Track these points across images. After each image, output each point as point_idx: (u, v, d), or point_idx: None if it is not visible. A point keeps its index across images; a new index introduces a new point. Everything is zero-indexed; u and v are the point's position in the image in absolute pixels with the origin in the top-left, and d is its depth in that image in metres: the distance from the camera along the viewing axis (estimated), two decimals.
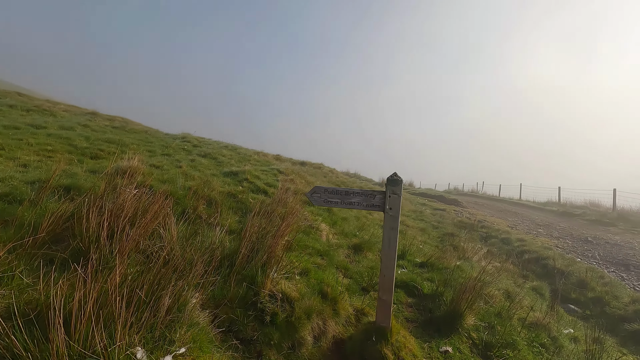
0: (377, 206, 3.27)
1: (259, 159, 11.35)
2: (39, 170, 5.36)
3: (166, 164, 7.57)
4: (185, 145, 10.40)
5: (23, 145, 6.52)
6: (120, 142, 8.71)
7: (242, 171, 8.17)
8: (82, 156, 7.07)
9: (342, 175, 19.60)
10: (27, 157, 6.05)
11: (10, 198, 4.03)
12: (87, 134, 8.57)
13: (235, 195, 6.38)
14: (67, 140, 7.58)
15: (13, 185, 4.33)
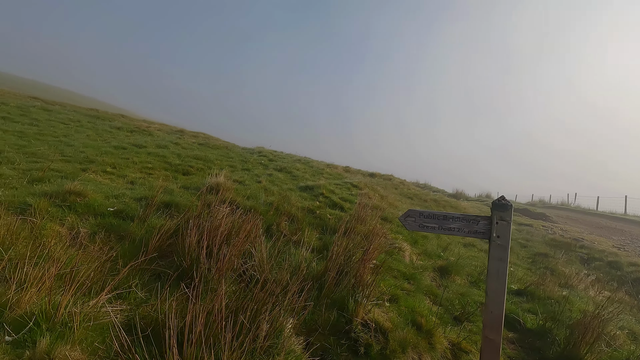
0: (480, 233, 2.95)
1: (331, 172, 11.41)
2: (143, 187, 5.97)
3: (247, 179, 7.94)
4: (262, 160, 10.90)
5: (129, 164, 7.37)
6: (205, 158, 9.43)
7: (317, 186, 8.23)
8: (175, 172, 7.76)
9: (412, 186, 18.84)
10: (134, 174, 6.81)
11: (124, 215, 4.51)
12: (179, 152, 9.44)
13: (313, 211, 6.41)
14: (162, 158, 8.42)
15: (125, 202, 4.85)
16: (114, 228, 4.14)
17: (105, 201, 4.71)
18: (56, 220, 3.99)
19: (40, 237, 3.63)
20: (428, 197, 15.15)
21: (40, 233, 3.65)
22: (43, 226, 3.75)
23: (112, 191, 5.21)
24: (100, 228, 4.10)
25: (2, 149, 6.52)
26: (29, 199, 4.20)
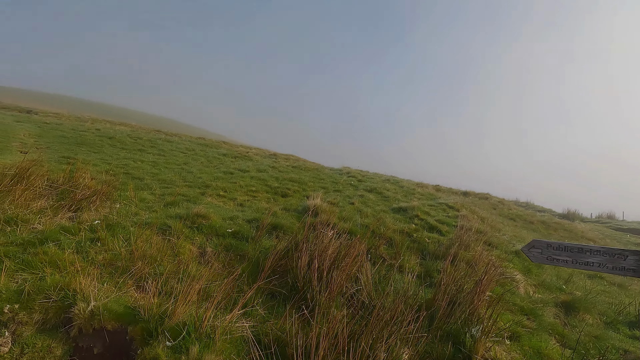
0: (630, 270, 2.54)
1: (422, 191, 11.03)
2: (251, 209, 6.57)
3: (340, 200, 8.15)
4: (352, 181, 11.11)
5: (237, 187, 8.21)
6: (300, 180, 10.00)
7: (411, 207, 8.03)
8: (275, 195, 8.37)
9: (513, 205, 17.01)
10: (241, 197, 7.56)
11: (240, 235, 5.02)
12: (276, 175, 10.21)
13: (410, 234, 6.26)
14: (263, 182, 9.19)
15: (239, 224, 5.41)
16: (233, 248, 4.64)
17: (223, 222, 5.32)
18: (188, 240, 4.64)
19: (179, 254, 4.26)
20: (534, 219, 13.50)
21: (178, 251, 4.28)
22: (180, 245, 4.40)
23: (227, 213, 5.86)
24: (222, 247, 4.63)
25: (142, 177, 7.88)
26: (167, 220, 4.98)
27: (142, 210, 5.45)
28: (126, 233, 4.29)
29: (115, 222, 4.50)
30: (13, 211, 4.34)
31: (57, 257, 3.48)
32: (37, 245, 3.69)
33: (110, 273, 3.49)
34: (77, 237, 4.03)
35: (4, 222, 4.11)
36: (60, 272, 3.29)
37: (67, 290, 3.01)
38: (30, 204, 4.61)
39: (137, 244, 4.00)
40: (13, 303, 2.87)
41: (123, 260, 3.69)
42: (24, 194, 4.65)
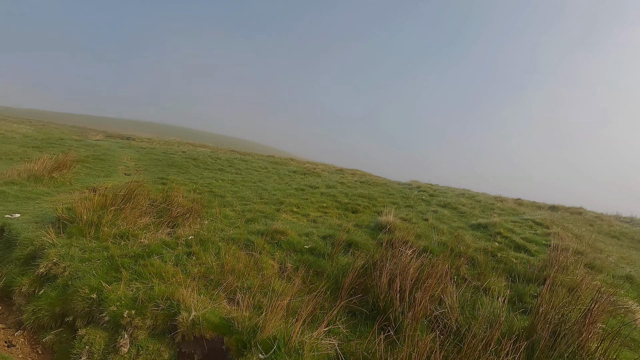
0: None
1: (503, 206, 10.18)
2: (324, 225, 6.70)
3: (413, 216, 7.90)
4: (423, 196, 10.72)
5: (308, 204, 8.45)
6: (369, 196, 9.94)
7: (492, 224, 7.46)
8: (345, 211, 8.43)
9: (614, 221, 14.78)
10: (313, 213, 7.76)
11: (316, 252, 5.14)
12: (345, 191, 10.30)
13: (494, 254, 5.80)
14: (333, 198, 9.33)
15: (314, 240, 5.54)
16: (311, 264, 4.75)
17: (299, 239, 5.49)
18: (269, 255, 4.88)
19: (262, 269, 4.49)
20: None
21: (261, 266, 4.52)
22: (262, 260, 4.65)
23: (302, 229, 6.04)
24: (301, 263, 4.77)
25: (224, 194, 8.54)
26: (249, 236, 5.30)
27: (227, 226, 5.89)
28: (216, 248, 4.67)
29: (206, 238, 4.92)
30: (125, 227, 5.01)
31: (162, 269, 3.91)
32: (145, 257, 4.19)
33: (205, 285, 3.81)
34: (176, 251, 4.50)
35: (119, 237, 4.76)
36: (165, 283, 3.68)
37: (172, 299, 3.35)
38: (137, 221, 5.27)
39: (226, 258, 4.33)
40: (130, 309, 3.29)
41: (215, 274, 4.01)
42: (132, 212, 5.35)
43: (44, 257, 4.16)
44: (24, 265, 4.30)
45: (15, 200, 6.56)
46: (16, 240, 4.80)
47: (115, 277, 3.77)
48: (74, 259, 4.08)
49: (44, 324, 3.56)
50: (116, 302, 3.36)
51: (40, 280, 3.98)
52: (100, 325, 3.28)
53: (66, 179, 8.17)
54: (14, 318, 3.73)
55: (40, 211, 6.02)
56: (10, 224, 5.26)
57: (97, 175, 9.67)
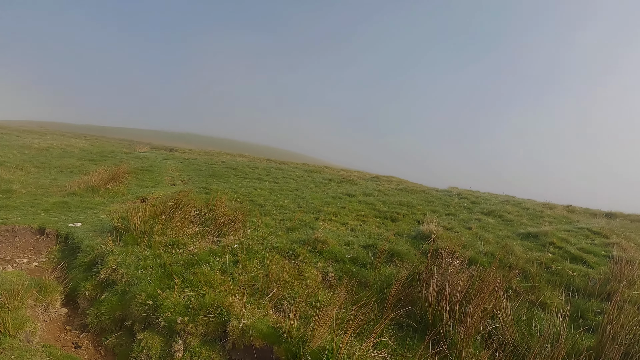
0: None
1: (553, 214, 9.56)
2: (364, 234, 6.63)
3: (455, 225, 7.63)
4: (464, 203, 10.33)
5: (346, 212, 8.43)
6: (408, 203, 9.74)
7: (543, 233, 7.02)
8: (384, 219, 8.31)
9: None
10: (352, 221, 7.72)
11: (358, 261, 5.10)
12: (383, 199, 10.17)
13: (547, 266, 5.45)
14: (371, 206, 9.24)
15: (355, 250, 5.50)
16: (353, 274, 4.71)
17: (340, 248, 5.48)
18: (312, 264, 4.90)
19: (305, 278, 4.52)
20: None
21: (304, 275, 4.55)
22: (305, 269, 4.68)
23: (343, 239, 6.02)
24: (343, 273, 4.75)
25: (263, 203, 8.73)
26: (291, 245, 5.37)
27: (268, 235, 6.01)
28: (260, 257, 4.77)
29: (250, 247, 5.04)
30: (174, 236, 5.25)
31: (211, 277, 4.05)
32: (195, 265, 4.37)
33: (252, 294, 3.90)
34: (222, 260, 4.64)
35: (169, 245, 5.00)
36: (214, 291, 3.80)
37: (221, 307, 3.45)
38: (185, 230, 5.52)
39: (271, 267, 4.40)
40: (183, 316, 3.42)
41: (261, 283, 4.09)
42: (180, 221, 5.60)
43: (104, 264, 4.46)
44: (86, 271, 4.63)
45: (77, 210, 7.11)
46: (79, 247, 5.18)
47: (168, 284, 3.96)
48: (131, 266, 4.34)
49: (106, 327, 3.79)
50: (170, 309, 3.51)
51: (101, 285, 4.26)
52: (156, 331, 3.44)
53: (119, 190, 8.75)
54: (79, 321, 4.01)
55: (98, 220, 6.47)
56: (74, 232, 5.70)
57: (146, 186, 10.26)
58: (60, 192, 8.07)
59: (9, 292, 3.36)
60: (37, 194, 7.82)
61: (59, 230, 5.79)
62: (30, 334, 3.16)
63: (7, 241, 5.37)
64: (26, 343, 3.03)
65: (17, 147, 14.49)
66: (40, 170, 10.77)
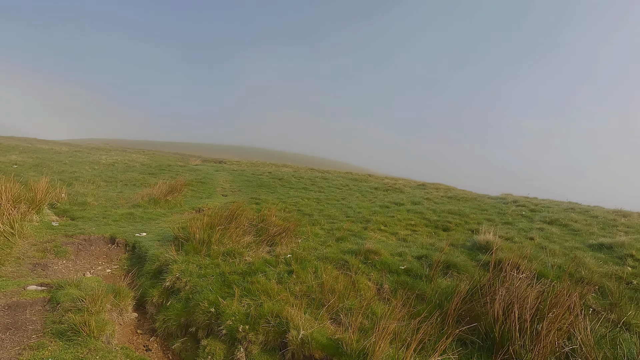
0: None
1: (629, 222, 8.59)
2: (415, 244, 6.44)
3: (514, 235, 7.16)
4: (522, 211, 9.66)
5: (395, 221, 8.25)
6: (459, 212, 9.32)
7: (619, 244, 6.35)
8: (435, 229, 8.01)
9: None
10: (402, 231, 7.54)
11: (412, 273, 4.95)
12: (433, 207, 9.84)
13: (628, 281, 4.92)
14: (420, 215, 8.97)
15: (408, 260, 5.35)
16: (408, 285, 4.58)
17: (393, 259, 5.36)
18: (365, 275, 4.84)
19: (358, 289, 4.47)
20: None
21: (358, 286, 4.50)
22: (358, 280, 4.63)
23: (394, 249, 5.89)
24: (398, 285, 4.63)
25: (311, 213, 8.82)
26: (343, 256, 5.35)
27: (319, 245, 6.05)
28: (313, 267, 4.81)
29: (302, 257, 5.10)
30: (230, 245, 5.47)
31: (267, 287, 4.15)
32: (252, 275, 4.50)
33: (308, 304, 3.92)
34: (277, 269, 4.75)
35: (226, 254, 5.21)
36: (272, 300, 3.89)
37: (280, 317, 3.51)
38: (240, 240, 5.72)
39: (324, 277, 4.41)
40: (244, 324, 3.53)
41: (316, 293, 4.12)
42: (235, 231, 5.82)
43: (169, 272, 4.74)
44: (153, 278, 4.96)
45: (141, 220, 7.67)
46: (145, 256, 5.57)
47: (228, 292, 4.11)
48: (193, 274, 4.57)
49: (172, 332, 4.02)
50: (231, 317, 3.64)
51: (167, 292, 4.54)
52: (219, 338, 3.58)
53: (177, 201, 9.32)
54: (148, 325, 4.29)
55: (160, 230, 6.93)
56: (140, 241, 6.15)
57: (200, 197, 10.84)
58: (127, 204, 8.77)
59: (91, 296, 3.69)
60: (107, 205, 8.57)
61: (127, 240, 6.28)
62: (110, 336, 3.43)
63: (85, 249, 5.91)
64: (107, 345, 3.29)
65: (88, 163, 16.04)
66: (108, 183, 11.81)
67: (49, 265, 5.13)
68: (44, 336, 3.25)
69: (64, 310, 3.61)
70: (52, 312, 3.67)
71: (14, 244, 5.36)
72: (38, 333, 3.30)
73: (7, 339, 3.16)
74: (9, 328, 3.32)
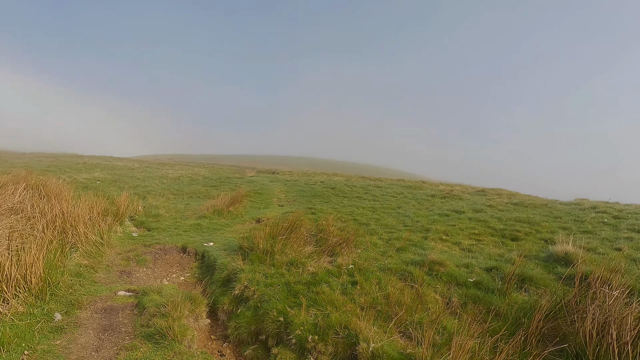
0: None
1: None
2: (482, 255, 6.08)
3: (597, 245, 6.45)
4: (604, 218, 8.67)
5: (457, 230, 7.87)
6: (529, 220, 8.63)
7: None
8: (502, 238, 7.49)
9: None
10: (465, 241, 7.16)
11: (483, 286, 4.67)
12: (497, 215, 9.23)
13: None
14: (484, 223, 8.46)
15: (477, 272, 5.06)
16: (479, 299, 4.33)
17: (459, 270, 5.11)
18: (430, 287, 4.67)
19: (425, 302, 4.32)
20: None
21: (424, 299, 4.35)
22: (424, 292, 4.48)
23: (459, 260, 5.62)
24: (468, 298, 4.40)
25: (368, 222, 8.75)
26: (405, 267, 5.22)
27: (379, 255, 5.96)
28: (376, 278, 4.75)
29: (364, 267, 5.07)
30: (292, 255, 5.60)
31: (332, 297, 4.17)
32: (316, 285, 4.56)
33: (375, 317, 3.87)
34: (340, 280, 4.76)
35: (289, 264, 5.34)
36: (338, 311, 3.90)
37: (349, 329, 3.51)
38: (301, 250, 5.84)
39: (389, 289, 4.34)
40: (313, 334, 3.58)
41: (382, 305, 4.05)
42: (296, 242, 5.96)
43: (237, 280, 4.97)
44: (222, 286, 5.24)
45: (207, 230, 8.17)
46: (214, 264, 5.91)
47: (294, 302, 4.20)
48: (260, 283, 4.75)
49: (243, 339, 4.19)
50: (300, 327, 3.71)
51: (236, 300, 4.76)
52: (289, 347, 3.66)
53: (238, 212, 9.79)
54: (220, 331, 4.53)
55: (225, 240, 7.31)
56: (208, 250, 6.54)
57: (258, 207, 11.29)
58: (194, 215, 9.41)
59: (172, 303, 3.99)
60: (176, 217, 9.26)
61: (197, 249, 6.72)
62: (190, 341, 3.67)
63: (161, 258, 6.43)
64: (188, 349, 3.53)
65: (158, 177, 17.51)
66: (176, 196, 12.78)
67: (132, 272, 5.66)
68: (135, 338, 3.57)
69: (150, 315, 3.95)
70: (139, 316, 4.03)
71: (104, 253, 5.99)
72: (130, 335, 3.65)
73: (106, 339, 3.53)
74: (107, 329, 3.71)
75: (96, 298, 4.37)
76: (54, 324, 3.64)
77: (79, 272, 4.99)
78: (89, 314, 4.00)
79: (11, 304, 3.59)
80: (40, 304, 3.84)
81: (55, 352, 3.28)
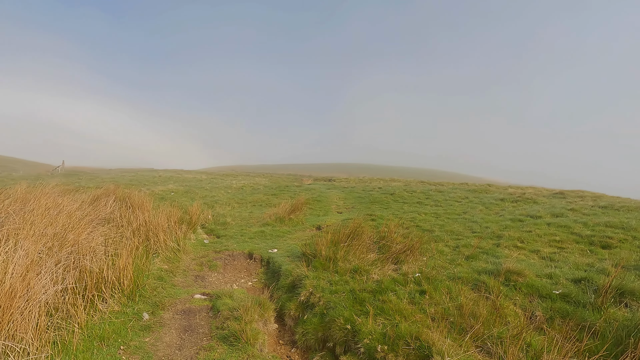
0: None
1: None
2: (567, 264, 5.46)
3: None
4: None
5: (535, 237, 7.18)
6: (622, 225, 7.56)
7: None
8: (590, 245, 6.66)
9: None
10: (545, 249, 6.49)
11: (571, 299, 4.18)
12: (582, 219, 8.23)
13: None
14: (567, 229, 7.60)
15: (562, 284, 4.55)
16: (569, 315, 3.88)
17: (541, 281, 4.63)
18: (508, 299, 4.30)
19: (502, 315, 3.98)
20: None
21: (502, 312, 4.01)
22: (502, 305, 4.13)
23: (540, 270, 5.10)
24: (554, 312, 3.96)
25: (431, 229, 8.37)
26: (477, 276, 4.87)
27: (447, 264, 5.66)
28: (445, 287, 4.50)
29: (432, 276, 4.84)
30: (355, 262, 5.54)
31: (400, 306, 4.03)
32: (381, 293, 4.46)
33: (448, 329, 3.66)
34: (407, 288, 4.59)
35: (353, 271, 5.29)
36: (407, 321, 3.75)
37: (420, 340, 3.35)
38: (364, 257, 5.76)
39: (462, 300, 4.07)
40: (382, 344, 3.48)
41: (454, 317, 3.82)
42: (359, 249, 5.90)
43: (302, 287, 5.05)
44: (288, 292, 5.35)
45: (271, 237, 8.46)
46: (279, 270, 6.08)
47: (361, 310, 4.14)
48: (325, 290, 4.77)
49: (310, 345, 4.22)
50: (368, 335, 3.64)
51: (302, 306, 4.82)
52: (357, 356, 3.60)
53: (299, 219, 10.01)
54: (288, 337, 4.61)
55: (288, 246, 7.50)
56: (273, 257, 6.75)
57: (318, 214, 11.43)
58: (257, 223, 9.81)
59: (243, 307, 4.18)
60: (242, 225, 9.74)
61: (262, 256, 6.98)
62: (262, 345, 3.79)
63: (230, 264, 6.79)
64: (260, 352, 3.65)
65: (223, 187, 18.64)
66: (241, 205, 13.46)
67: (205, 277, 6.05)
68: (212, 339, 3.79)
69: (224, 318, 4.17)
70: (214, 319, 4.28)
71: (180, 259, 6.49)
72: (207, 336, 3.88)
73: (187, 339, 3.80)
74: (187, 330, 3.99)
75: (176, 300, 4.73)
76: (143, 322, 4.01)
77: (160, 276, 5.46)
78: (171, 314, 4.34)
79: (109, 304, 4.03)
80: (131, 304, 4.26)
81: (145, 348, 3.60)
